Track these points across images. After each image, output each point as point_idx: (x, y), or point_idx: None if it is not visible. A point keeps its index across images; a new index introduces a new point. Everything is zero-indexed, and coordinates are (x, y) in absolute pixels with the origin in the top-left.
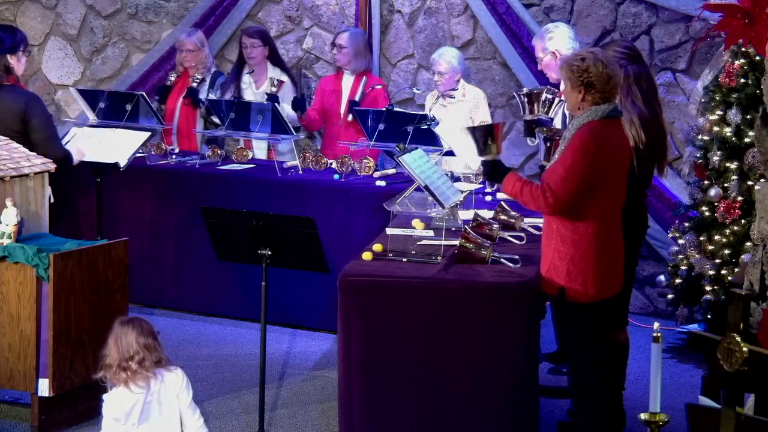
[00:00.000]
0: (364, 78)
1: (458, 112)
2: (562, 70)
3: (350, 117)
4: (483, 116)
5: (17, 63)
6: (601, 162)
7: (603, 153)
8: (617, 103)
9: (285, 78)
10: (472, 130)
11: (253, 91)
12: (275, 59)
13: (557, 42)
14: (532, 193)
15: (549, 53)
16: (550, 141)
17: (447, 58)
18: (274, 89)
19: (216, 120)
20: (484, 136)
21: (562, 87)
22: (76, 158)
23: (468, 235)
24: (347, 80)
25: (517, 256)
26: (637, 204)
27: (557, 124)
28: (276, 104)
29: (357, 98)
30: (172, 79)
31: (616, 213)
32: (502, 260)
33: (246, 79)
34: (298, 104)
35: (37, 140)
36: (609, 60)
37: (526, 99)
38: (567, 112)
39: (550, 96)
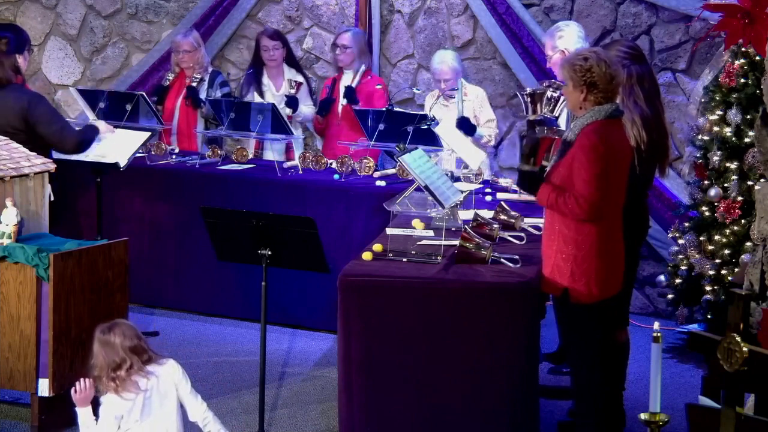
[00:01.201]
0: (362, 71)
1: (462, 110)
2: (563, 70)
3: (344, 101)
4: (488, 114)
5: (23, 62)
6: (607, 162)
7: (609, 153)
8: (619, 103)
9: (301, 79)
10: (522, 137)
11: (273, 93)
12: (291, 60)
13: (567, 41)
14: (567, 204)
15: (558, 51)
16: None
17: (449, 63)
18: (292, 91)
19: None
20: (531, 146)
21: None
22: (103, 129)
23: (468, 235)
24: (346, 80)
25: (517, 256)
26: (638, 204)
27: (561, 122)
28: (277, 106)
29: (354, 84)
30: (170, 78)
31: (617, 213)
32: (502, 260)
33: (265, 81)
34: (326, 104)
35: (47, 135)
36: (611, 60)
37: (529, 99)
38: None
39: (555, 94)
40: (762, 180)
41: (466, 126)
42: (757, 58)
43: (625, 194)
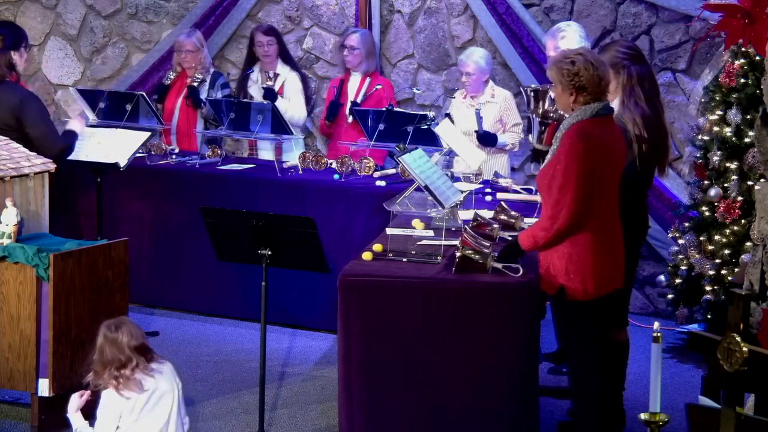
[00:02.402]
0: (368, 79)
1: (488, 112)
2: (551, 72)
3: (350, 119)
4: (515, 118)
5: (19, 59)
6: (592, 161)
7: (594, 152)
8: (609, 101)
9: (293, 74)
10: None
11: (258, 87)
12: (285, 56)
13: (569, 41)
14: (543, 227)
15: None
16: (544, 125)
17: (475, 58)
18: (270, 83)
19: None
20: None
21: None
22: (80, 129)
23: (468, 240)
24: (353, 82)
25: (518, 265)
26: (638, 204)
27: None
28: (274, 103)
29: (358, 99)
30: (171, 77)
31: (613, 210)
32: (502, 269)
33: (254, 76)
34: (334, 108)
35: (34, 137)
36: (598, 61)
37: (532, 94)
38: None
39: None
40: (762, 180)
41: (485, 140)
42: (757, 58)
43: (618, 190)
